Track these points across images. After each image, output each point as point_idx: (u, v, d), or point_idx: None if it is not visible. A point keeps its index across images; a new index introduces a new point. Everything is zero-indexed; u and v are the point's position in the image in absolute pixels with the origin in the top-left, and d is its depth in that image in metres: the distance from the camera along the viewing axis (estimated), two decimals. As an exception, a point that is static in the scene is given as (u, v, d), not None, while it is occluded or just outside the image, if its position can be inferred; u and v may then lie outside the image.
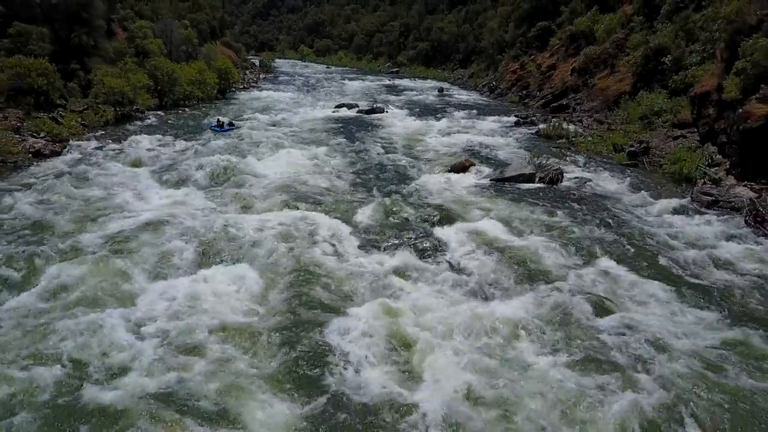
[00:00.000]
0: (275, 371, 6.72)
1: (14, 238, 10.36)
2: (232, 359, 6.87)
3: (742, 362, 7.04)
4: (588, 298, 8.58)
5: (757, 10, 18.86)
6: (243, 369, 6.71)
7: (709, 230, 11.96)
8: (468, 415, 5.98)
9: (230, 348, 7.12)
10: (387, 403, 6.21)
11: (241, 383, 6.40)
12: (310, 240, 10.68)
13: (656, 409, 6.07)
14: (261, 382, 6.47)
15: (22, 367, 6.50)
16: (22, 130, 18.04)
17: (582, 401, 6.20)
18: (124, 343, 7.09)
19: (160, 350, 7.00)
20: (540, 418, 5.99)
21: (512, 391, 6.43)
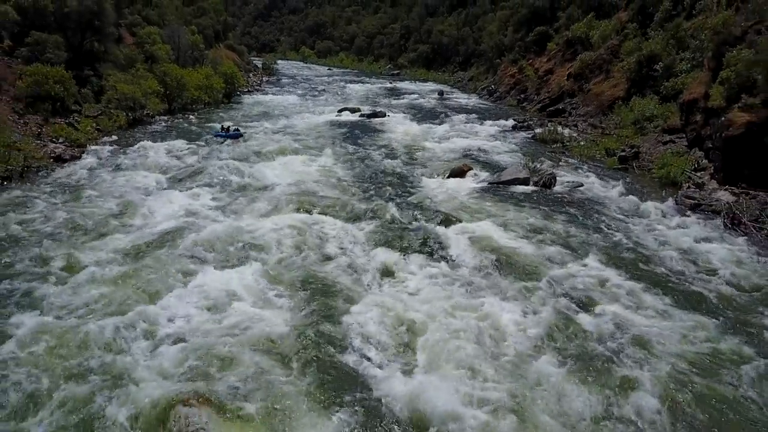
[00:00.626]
0: (296, 357, 7.64)
1: (47, 240, 11.26)
2: (256, 349, 7.78)
3: (705, 349, 7.97)
4: (571, 293, 9.53)
5: (741, 21, 19.80)
6: (266, 358, 7.61)
7: (690, 232, 12.88)
8: (470, 386, 6.91)
9: (253, 339, 8.01)
10: (388, 373, 7.13)
11: (265, 370, 7.32)
12: (321, 242, 11.60)
13: (614, 385, 7.01)
14: (284, 369, 7.38)
15: (63, 357, 7.42)
16: (42, 135, 18.95)
17: (550, 377, 7.14)
18: (144, 343, 7.96)
19: (186, 345, 7.89)
20: (513, 381, 6.92)
21: (495, 367, 7.36)
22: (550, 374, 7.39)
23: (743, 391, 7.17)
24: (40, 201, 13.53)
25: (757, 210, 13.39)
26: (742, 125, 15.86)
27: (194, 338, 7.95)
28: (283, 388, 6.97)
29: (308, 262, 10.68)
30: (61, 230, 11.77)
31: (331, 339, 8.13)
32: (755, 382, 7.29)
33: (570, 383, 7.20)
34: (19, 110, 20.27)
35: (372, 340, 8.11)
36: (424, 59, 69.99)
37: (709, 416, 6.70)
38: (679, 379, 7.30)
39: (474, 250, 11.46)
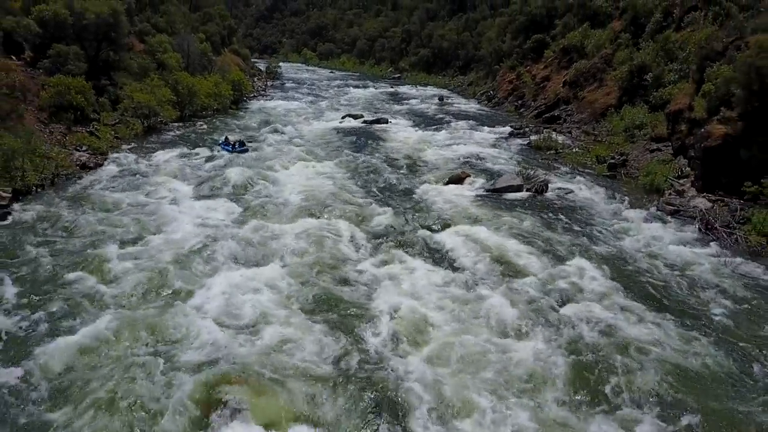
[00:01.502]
0: (314, 342, 8.90)
1: (82, 243, 12.53)
2: (280, 338, 9.04)
3: (660, 335, 9.24)
4: (555, 290, 10.81)
5: (723, 37, 21.07)
6: (290, 345, 8.88)
7: (667, 237, 14.15)
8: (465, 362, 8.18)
9: (277, 330, 9.27)
10: (388, 356, 8.39)
11: (289, 354, 8.58)
12: (333, 245, 12.85)
13: (587, 370, 8.28)
14: (305, 354, 8.65)
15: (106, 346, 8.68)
16: (66, 144, 20.20)
17: (526, 361, 8.42)
18: (186, 331, 9.22)
19: (218, 334, 9.16)
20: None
21: (484, 351, 8.62)
22: (533, 358, 8.65)
23: (695, 370, 8.44)
24: (73, 207, 14.79)
25: (728, 216, 14.65)
26: (720, 137, 17.10)
27: (225, 328, 9.21)
28: (304, 370, 8.22)
29: (323, 263, 11.94)
30: (98, 234, 13.03)
31: (345, 329, 9.39)
32: (703, 363, 8.56)
33: (548, 363, 8.47)
34: (44, 119, 21.51)
35: (381, 329, 9.38)
36: (425, 63, 71.12)
37: (664, 392, 7.96)
38: (636, 358, 8.56)
39: (471, 253, 12.73)
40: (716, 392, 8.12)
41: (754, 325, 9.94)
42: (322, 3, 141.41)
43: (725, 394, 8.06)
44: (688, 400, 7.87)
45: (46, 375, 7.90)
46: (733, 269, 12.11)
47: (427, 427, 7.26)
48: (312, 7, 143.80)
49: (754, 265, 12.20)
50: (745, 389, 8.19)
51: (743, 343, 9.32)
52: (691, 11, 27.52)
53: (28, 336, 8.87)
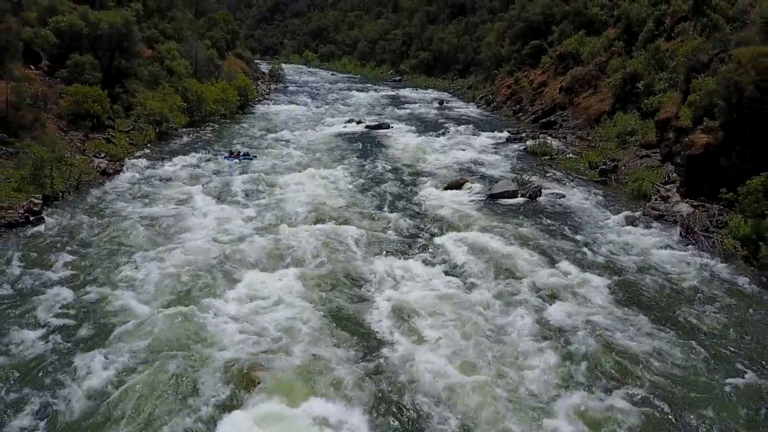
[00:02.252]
0: (328, 334, 10.03)
1: (111, 248, 13.66)
2: (298, 330, 10.17)
3: (634, 323, 10.39)
4: (543, 290, 11.94)
5: (709, 50, 22.18)
6: (306, 336, 10.01)
7: (650, 240, 15.26)
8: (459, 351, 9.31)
9: (295, 324, 10.40)
10: (393, 345, 9.52)
11: (305, 344, 9.71)
12: (341, 249, 13.97)
13: (569, 363, 9.41)
14: (318, 344, 9.78)
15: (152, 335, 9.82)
16: (86, 151, 21.32)
17: (513, 351, 9.57)
18: (214, 328, 10.36)
19: (243, 326, 10.29)
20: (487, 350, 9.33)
21: (477, 343, 9.75)
22: (520, 347, 9.79)
23: (654, 351, 9.61)
24: (99, 212, 15.93)
25: (707, 221, 15.76)
26: (703, 146, 18.20)
27: (249, 321, 10.35)
28: (320, 357, 9.35)
29: (333, 264, 13.07)
30: (124, 239, 14.16)
31: (355, 323, 10.53)
32: (660, 345, 9.77)
33: (533, 351, 9.60)
34: (63, 127, 22.63)
35: (385, 322, 10.50)
36: (425, 66, 72.23)
37: (627, 371, 9.10)
38: (608, 347, 9.70)
39: (468, 255, 13.85)
40: (668, 367, 9.34)
41: (716, 319, 11.09)
42: (323, 4, 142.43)
43: (679, 372, 9.22)
44: (646, 376, 9.10)
45: (91, 364, 9.02)
46: (707, 270, 13.24)
47: (428, 386, 8.46)
48: (313, 8, 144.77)
49: (725, 267, 13.33)
50: (696, 368, 9.33)
51: (702, 336, 10.53)
52: (681, 21, 28.64)
53: (73, 328, 10.00)
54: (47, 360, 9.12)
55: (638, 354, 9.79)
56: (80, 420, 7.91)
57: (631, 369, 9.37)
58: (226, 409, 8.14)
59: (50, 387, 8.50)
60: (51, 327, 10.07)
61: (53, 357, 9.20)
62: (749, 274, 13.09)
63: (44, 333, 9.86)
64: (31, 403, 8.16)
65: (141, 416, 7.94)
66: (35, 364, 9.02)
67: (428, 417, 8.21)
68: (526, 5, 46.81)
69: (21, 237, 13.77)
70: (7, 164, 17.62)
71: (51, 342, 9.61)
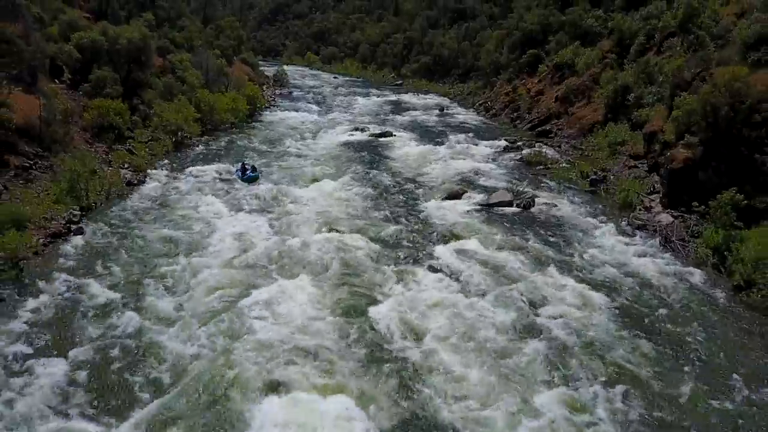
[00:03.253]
0: (341, 334, 11.62)
1: (146, 254, 15.25)
2: (316, 331, 11.75)
3: (613, 324, 11.98)
4: (534, 294, 13.52)
5: (692, 68, 23.73)
6: (322, 338, 11.59)
7: (632, 249, 16.84)
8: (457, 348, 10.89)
9: (313, 326, 11.99)
10: (404, 346, 11.10)
11: (322, 342, 11.29)
12: (352, 256, 15.55)
13: (552, 356, 11.00)
14: (333, 343, 11.36)
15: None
16: (112, 162, 22.88)
17: (507, 347, 11.16)
18: (246, 326, 11.94)
19: (272, 326, 11.87)
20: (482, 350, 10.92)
21: (465, 337, 11.34)
22: (513, 344, 11.37)
23: (626, 346, 11.19)
24: (131, 221, 17.54)
25: (684, 231, 17.34)
26: (683, 160, 19.77)
27: (276, 324, 11.93)
28: (338, 354, 10.94)
29: (344, 270, 14.66)
30: (156, 246, 15.76)
31: (367, 325, 12.12)
32: (631, 342, 11.34)
33: (523, 346, 11.20)
34: (88, 140, 24.19)
35: (392, 324, 12.09)
36: (426, 70, 73.69)
37: (602, 365, 10.69)
38: (587, 345, 11.28)
39: (467, 263, 15.44)
40: (635, 359, 10.99)
41: (682, 319, 12.72)
42: (324, 6, 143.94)
43: (645, 363, 10.89)
44: (600, 368, 10.65)
45: (139, 359, 10.61)
46: (680, 277, 14.83)
47: (432, 378, 10.06)
48: (315, 10, 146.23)
49: (697, 274, 14.93)
50: (659, 359, 10.92)
51: (667, 333, 12.19)
52: (670, 37, 30.16)
53: (124, 328, 11.58)
54: (123, 344, 10.73)
55: (609, 348, 11.40)
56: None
57: (601, 360, 10.96)
58: (263, 399, 9.71)
59: (130, 367, 10.10)
60: (104, 324, 11.65)
61: (120, 342, 10.81)
62: (717, 280, 14.68)
63: (100, 328, 11.45)
64: (108, 380, 9.75)
65: (197, 401, 9.52)
66: (105, 351, 10.62)
67: (433, 404, 9.79)
68: (524, 15, 48.30)
69: (66, 246, 15.32)
70: (44, 177, 19.16)
71: (109, 335, 11.20)
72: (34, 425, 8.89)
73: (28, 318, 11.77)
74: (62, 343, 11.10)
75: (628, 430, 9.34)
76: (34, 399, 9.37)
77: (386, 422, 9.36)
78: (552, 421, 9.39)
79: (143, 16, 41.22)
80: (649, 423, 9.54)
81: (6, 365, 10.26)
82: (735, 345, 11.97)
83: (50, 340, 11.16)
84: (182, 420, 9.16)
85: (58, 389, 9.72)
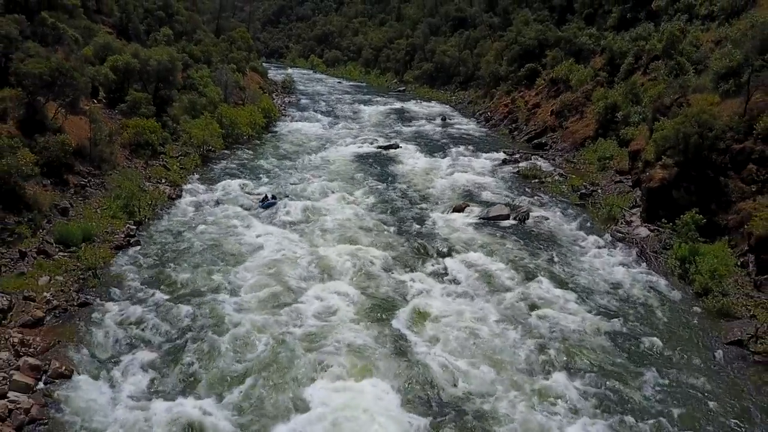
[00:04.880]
0: (367, 331, 14.32)
1: (198, 262, 17.93)
2: (347, 328, 14.46)
3: (593, 325, 14.71)
4: (526, 299, 16.24)
5: (671, 94, 26.39)
6: (353, 333, 14.29)
7: (612, 259, 19.54)
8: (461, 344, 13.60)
9: (347, 323, 14.69)
10: (419, 340, 13.80)
11: (357, 339, 14.00)
12: (371, 265, 18.25)
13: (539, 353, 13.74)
14: (360, 337, 14.08)
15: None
16: (151, 178, 25.52)
17: (503, 345, 13.90)
18: (297, 322, 14.65)
19: (317, 323, 14.57)
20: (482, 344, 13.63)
21: (470, 335, 14.06)
22: (508, 341, 14.09)
23: (599, 344, 13.91)
24: (178, 232, 20.24)
25: (658, 244, 20.04)
26: (659, 180, 22.46)
27: (319, 319, 14.67)
28: (368, 347, 13.64)
29: (367, 278, 17.36)
30: (206, 255, 18.46)
31: (390, 323, 14.83)
32: (618, 350, 14.05)
33: (517, 342, 13.91)
34: (128, 156, 26.84)
35: (411, 324, 14.81)
36: (428, 76, 76.27)
37: (576, 357, 13.40)
38: (569, 343, 13.99)
39: (470, 271, 18.16)
40: (604, 350, 13.66)
41: (645, 319, 15.47)
42: (327, 9, 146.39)
43: (611, 354, 13.58)
44: (585, 362, 13.35)
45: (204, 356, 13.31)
46: (650, 284, 17.55)
47: (446, 366, 12.80)
48: (317, 12, 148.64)
49: (664, 281, 17.65)
50: (624, 353, 13.64)
51: (631, 331, 14.87)
52: (655, 60, 32.80)
53: (185, 329, 14.29)
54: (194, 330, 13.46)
55: (583, 342, 14.17)
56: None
57: (575, 352, 13.71)
58: (311, 380, 12.42)
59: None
60: (174, 322, 14.37)
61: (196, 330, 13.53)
62: (680, 287, 17.39)
63: (171, 326, 14.17)
64: (188, 367, 12.48)
65: (265, 384, 12.23)
66: (179, 344, 13.33)
67: (445, 385, 12.52)
68: (523, 29, 50.85)
69: (127, 256, 18.01)
70: (97, 194, 21.82)
71: (179, 331, 13.92)
72: (139, 402, 11.61)
73: (113, 317, 14.45)
74: (144, 337, 13.81)
75: (591, 406, 12.05)
76: (135, 379, 12.09)
77: (412, 401, 12.08)
78: (532, 396, 12.18)
79: (162, 30, 43.76)
80: (607, 400, 12.26)
81: (104, 356, 12.96)
82: (689, 342, 14.68)
83: (134, 336, 13.86)
84: (255, 399, 11.85)
85: (154, 373, 12.44)
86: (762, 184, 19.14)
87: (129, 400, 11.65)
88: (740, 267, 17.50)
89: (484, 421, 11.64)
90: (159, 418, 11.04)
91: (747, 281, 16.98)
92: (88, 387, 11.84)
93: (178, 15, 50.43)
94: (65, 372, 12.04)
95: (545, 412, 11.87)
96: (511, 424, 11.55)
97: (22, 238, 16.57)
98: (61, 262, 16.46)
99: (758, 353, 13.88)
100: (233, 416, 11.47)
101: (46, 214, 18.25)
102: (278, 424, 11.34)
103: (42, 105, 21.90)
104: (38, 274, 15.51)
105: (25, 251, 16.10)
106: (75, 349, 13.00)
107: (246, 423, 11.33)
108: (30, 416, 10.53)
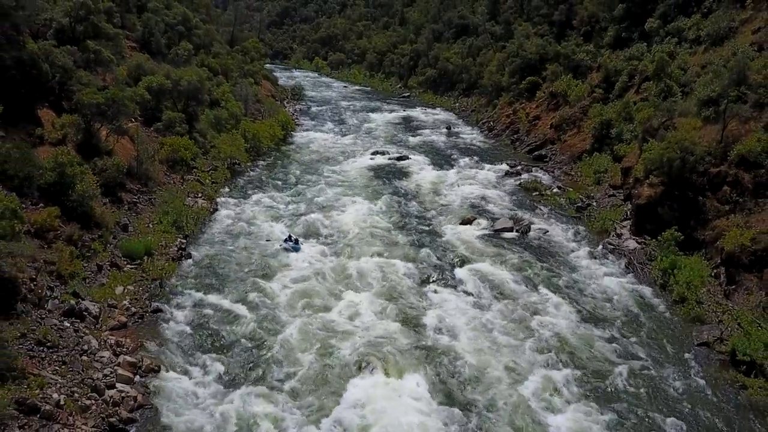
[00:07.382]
0: (395, 332, 17.10)
1: (244, 273, 20.69)
2: (381, 332, 17.24)
3: (584, 330, 17.51)
4: (528, 307, 19.04)
5: (659, 117, 29.11)
6: (387, 334, 17.07)
7: (602, 269, 22.34)
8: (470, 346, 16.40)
9: (378, 327, 17.47)
10: (441, 342, 16.58)
11: (385, 338, 16.78)
12: (393, 275, 21.02)
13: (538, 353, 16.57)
14: (387, 339, 16.85)
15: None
16: (189, 193, 28.23)
17: (509, 345, 16.71)
18: (337, 326, 17.44)
19: (347, 324, 17.35)
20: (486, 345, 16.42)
21: (482, 338, 16.85)
22: (511, 343, 16.89)
23: (582, 338, 16.71)
24: (220, 246, 23.01)
25: (644, 256, 22.82)
26: (646, 197, 25.22)
27: (354, 323, 17.44)
28: (399, 348, 16.41)
29: (392, 287, 20.14)
30: (248, 267, 21.20)
31: (414, 327, 17.60)
32: (584, 335, 16.87)
33: (520, 345, 16.71)
34: (165, 172, 29.54)
35: (434, 328, 17.59)
36: (432, 83, 78.87)
37: (569, 354, 16.20)
38: (564, 344, 16.79)
39: (479, 281, 20.93)
40: (593, 350, 16.44)
41: (627, 324, 18.31)
42: (330, 11, 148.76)
43: (596, 354, 16.34)
44: (570, 357, 16.14)
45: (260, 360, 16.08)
46: (634, 293, 20.34)
47: (462, 364, 15.54)
48: (321, 14, 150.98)
49: (648, 290, 20.46)
50: (606, 353, 16.43)
51: (615, 333, 17.61)
52: (647, 80, 35.47)
53: (231, 334, 17.06)
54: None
55: (574, 344, 16.96)
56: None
57: (568, 351, 16.53)
58: (349, 378, 15.19)
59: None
60: (232, 327, 17.16)
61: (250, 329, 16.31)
62: (662, 296, 20.19)
63: (230, 330, 16.94)
64: (250, 366, 15.28)
65: (312, 379, 15.01)
66: (238, 347, 16.11)
67: (464, 382, 15.31)
68: (524, 43, 53.47)
69: (183, 268, 20.77)
70: (147, 210, 24.54)
71: (237, 336, 16.70)
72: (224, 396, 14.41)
73: (182, 322, 17.24)
74: (210, 339, 16.60)
75: (581, 395, 14.85)
76: (212, 373, 14.88)
77: (440, 394, 14.86)
78: (535, 389, 14.99)
79: (181, 44, 46.30)
80: (594, 390, 15.05)
81: (182, 354, 15.74)
82: (666, 344, 17.47)
83: (202, 338, 16.64)
84: (304, 393, 14.65)
85: (223, 368, 15.24)
86: (735, 204, 21.90)
87: (210, 391, 14.43)
88: (713, 278, 20.27)
89: (494, 411, 14.46)
90: (236, 404, 13.84)
91: (719, 290, 19.73)
92: (175, 380, 14.61)
93: (196, 28, 53.00)
94: (155, 368, 14.79)
95: (543, 401, 14.67)
96: (514, 409, 14.37)
97: (97, 254, 19.29)
98: (130, 273, 19.21)
99: (721, 353, 16.68)
100: (293, 406, 14.25)
101: (112, 230, 20.97)
102: (329, 412, 14.11)
103: (97, 130, 24.60)
104: (114, 285, 18.26)
105: (101, 264, 18.84)
106: (157, 348, 15.77)
107: (304, 407, 14.13)
108: (138, 402, 13.30)
